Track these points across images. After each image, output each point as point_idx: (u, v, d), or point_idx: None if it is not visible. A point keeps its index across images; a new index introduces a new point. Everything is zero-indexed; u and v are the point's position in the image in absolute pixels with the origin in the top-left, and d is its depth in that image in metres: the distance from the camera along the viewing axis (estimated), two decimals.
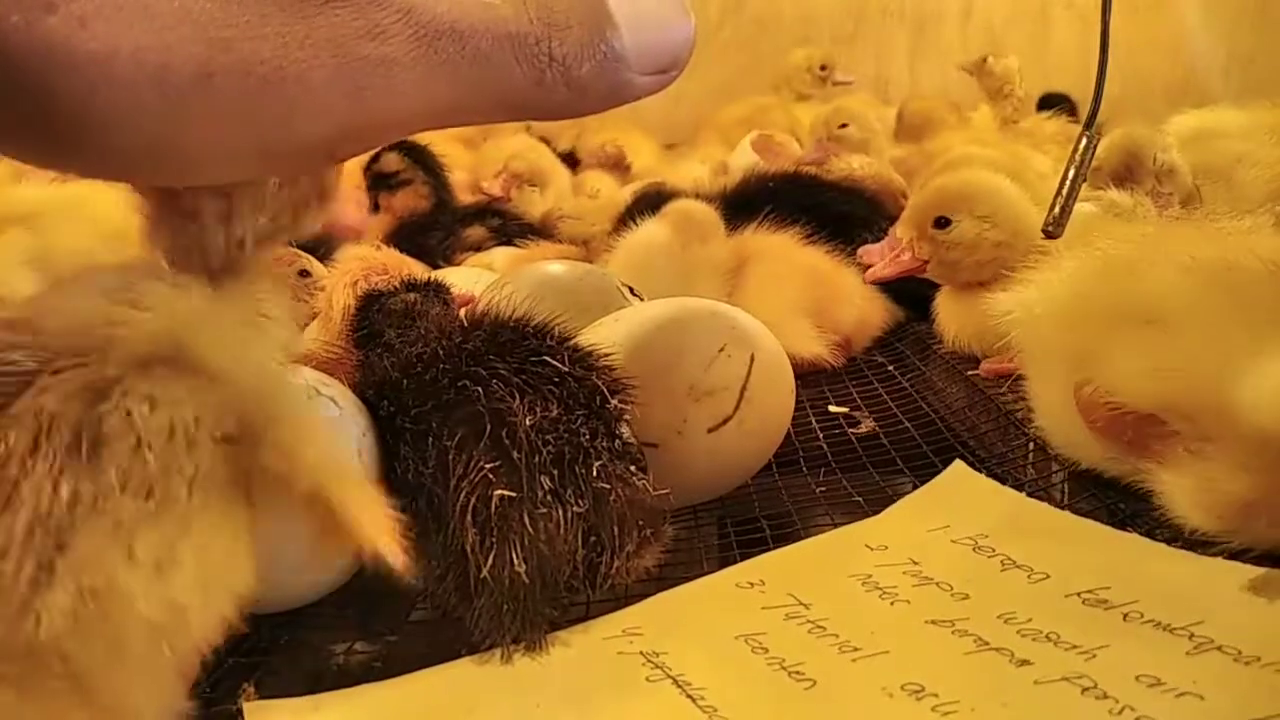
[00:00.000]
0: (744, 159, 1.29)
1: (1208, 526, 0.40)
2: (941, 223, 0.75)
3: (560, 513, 0.40)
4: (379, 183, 1.15)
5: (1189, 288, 0.45)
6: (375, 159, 1.14)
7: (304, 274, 0.81)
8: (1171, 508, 0.42)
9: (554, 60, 0.32)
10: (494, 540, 0.39)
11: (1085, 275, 0.51)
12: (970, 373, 0.72)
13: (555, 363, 0.43)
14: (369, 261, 0.76)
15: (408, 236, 1.01)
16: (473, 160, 1.38)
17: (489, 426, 0.40)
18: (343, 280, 0.72)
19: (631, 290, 0.69)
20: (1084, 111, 0.64)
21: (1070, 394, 0.49)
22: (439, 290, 0.60)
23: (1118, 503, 0.46)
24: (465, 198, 1.22)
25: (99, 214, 0.94)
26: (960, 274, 0.76)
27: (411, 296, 0.59)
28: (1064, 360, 0.51)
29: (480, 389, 0.41)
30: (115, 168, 0.32)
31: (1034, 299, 0.54)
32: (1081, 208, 0.67)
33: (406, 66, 0.31)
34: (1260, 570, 0.38)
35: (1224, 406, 0.40)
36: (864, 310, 0.81)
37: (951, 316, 0.77)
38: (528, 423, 0.41)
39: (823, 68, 1.77)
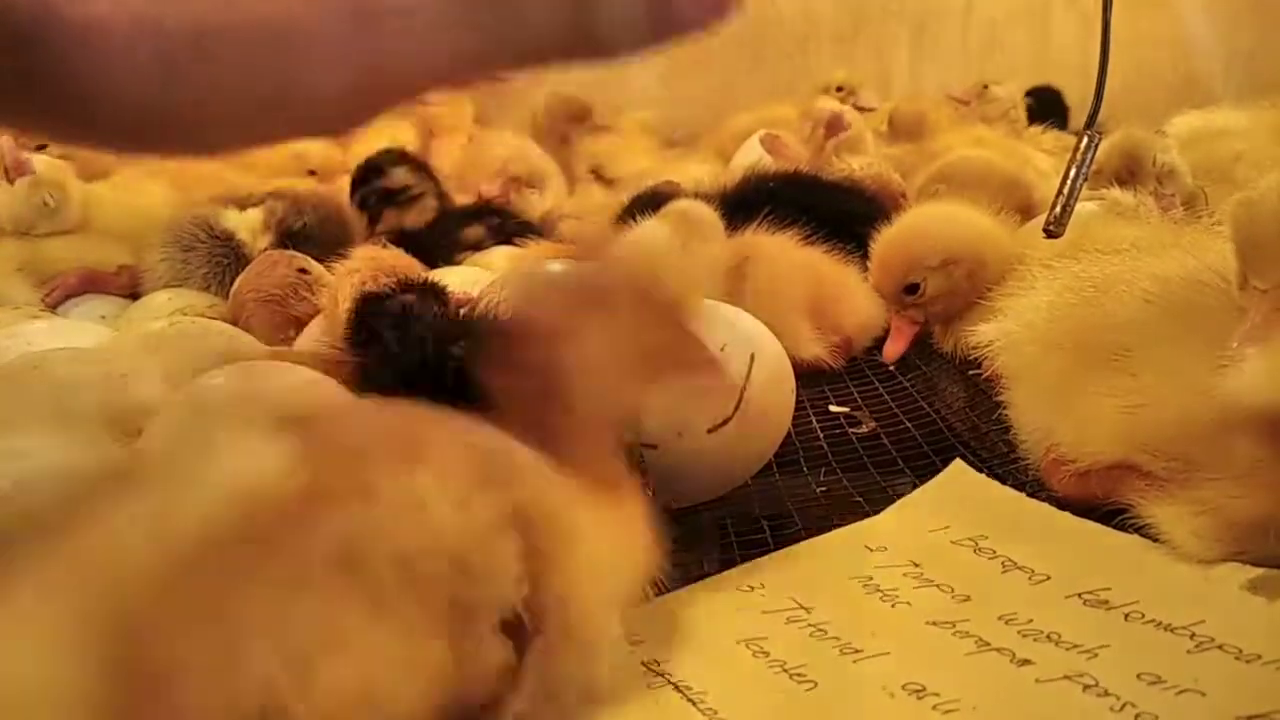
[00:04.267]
0: (750, 156, 1.27)
1: (1209, 553, 0.40)
2: (912, 290, 0.75)
3: None
4: (388, 199, 1.07)
5: (1151, 323, 0.45)
6: (381, 175, 1.07)
7: (302, 271, 0.81)
8: (1168, 540, 0.41)
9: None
10: None
11: (1056, 306, 0.51)
12: (971, 373, 0.72)
13: None
14: (378, 262, 0.76)
15: (407, 237, 1.00)
16: (462, 163, 1.37)
17: None
18: (349, 279, 0.72)
19: None
20: (1077, 111, 0.64)
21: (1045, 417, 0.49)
22: (436, 291, 0.60)
23: (1118, 503, 0.46)
24: (462, 197, 1.20)
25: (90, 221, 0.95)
26: (955, 310, 0.76)
27: (408, 298, 0.58)
28: (1038, 387, 0.51)
29: None
30: (118, 136, 0.31)
31: (1010, 329, 0.54)
32: (1084, 207, 0.67)
33: (427, 10, 0.29)
34: (1260, 570, 0.38)
35: (1201, 433, 0.40)
36: (865, 310, 0.81)
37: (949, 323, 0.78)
38: None
39: (839, 88, 1.71)
